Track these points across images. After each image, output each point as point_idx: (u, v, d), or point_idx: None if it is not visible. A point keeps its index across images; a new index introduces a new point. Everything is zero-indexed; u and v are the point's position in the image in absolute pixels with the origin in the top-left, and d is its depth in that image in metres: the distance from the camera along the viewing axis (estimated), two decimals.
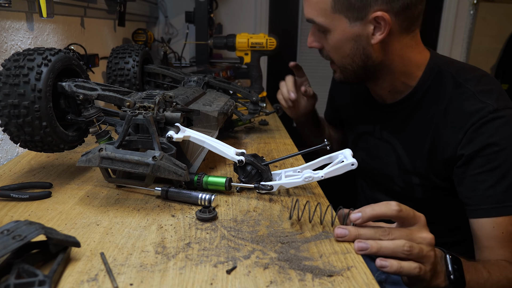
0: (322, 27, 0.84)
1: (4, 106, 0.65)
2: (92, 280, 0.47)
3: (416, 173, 0.93)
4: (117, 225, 0.61)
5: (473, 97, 0.82)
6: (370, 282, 0.49)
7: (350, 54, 0.85)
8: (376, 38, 0.82)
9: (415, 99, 0.90)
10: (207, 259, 0.53)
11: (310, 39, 0.91)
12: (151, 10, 2.18)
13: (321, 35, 0.88)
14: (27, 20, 0.98)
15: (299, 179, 0.71)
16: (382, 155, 1.00)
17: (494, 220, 0.78)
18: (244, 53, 1.56)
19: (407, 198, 0.98)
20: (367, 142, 1.04)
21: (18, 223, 0.47)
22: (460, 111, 0.82)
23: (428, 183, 0.92)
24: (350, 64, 0.87)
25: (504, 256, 0.79)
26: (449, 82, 0.86)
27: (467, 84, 0.84)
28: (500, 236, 0.78)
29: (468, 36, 2.59)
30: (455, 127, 0.83)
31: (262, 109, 1.18)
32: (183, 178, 0.65)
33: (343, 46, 0.84)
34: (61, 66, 0.70)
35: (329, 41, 0.86)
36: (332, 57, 0.89)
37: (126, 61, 1.06)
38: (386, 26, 0.80)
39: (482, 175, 0.80)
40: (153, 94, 0.75)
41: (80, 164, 0.64)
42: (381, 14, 0.79)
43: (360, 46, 0.84)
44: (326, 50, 0.89)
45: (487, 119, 0.78)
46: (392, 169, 0.98)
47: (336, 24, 0.82)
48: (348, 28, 0.82)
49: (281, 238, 0.58)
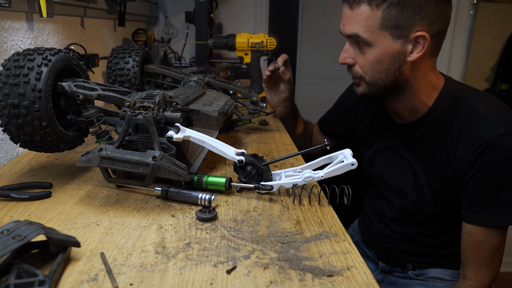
0: (366, 42, 0.87)
1: (4, 106, 0.65)
2: (92, 280, 0.47)
3: (431, 188, 0.97)
4: (117, 225, 0.61)
5: (484, 118, 0.88)
6: (370, 282, 0.49)
7: (386, 69, 0.89)
8: (413, 56, 0.87)
9: (431, 119, 0.96)
10: (207, 259, 0.52)
11: (343, 56, 0.93)
12: (151, 10, 2.18)
13: (356, 51, 0.91)
14: (27, 20, 0.98)
15: (299, 179, 0.71)
16: (398, 170, 1.04)
17: (488, 230, 0.89)
18: (244, 53, 1.56)
19: (416, 213, 1.03)
20: (383, 158, 1.08)
21: (18, 223, 0.47)
22: (471, 131, 0.89)
23: (440, 199, 0.97)
24: (383, 79, 0.90)
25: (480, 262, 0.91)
26: (462, 104, 0.92)
27: (479, 107, 0.90)
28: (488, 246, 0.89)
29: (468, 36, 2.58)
30: (466, 145, 0.89)
31: (262, 109, 1.18)
32: (183, 178, 0.65)
33: (382, 61, 0.88)
34: (61, 66, 0.70)
35: (368, 55, 0.89)
36: (364, 72, 0.91)
37: (126, 61, 1.06)
38: (425, 46, 0.86)
39: (480, 191, 0.89)
40: (153, 94, 0.75)
41: (80, 164, 0.64)
42: (424, 34, 0.84)
43: (396, 62, 0.88)
44: (360, 65, 0.91)
45: (493, 142, 0.85)
46: (407, 184, 1.02)
47: (380, 41, 0.86)
48: (390, 45, 0.86)
49: (281, 238, 0.58)
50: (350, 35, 0.89)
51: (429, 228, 1.04)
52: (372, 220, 1.16)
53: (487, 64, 2.65)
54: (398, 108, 0.99)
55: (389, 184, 1.07)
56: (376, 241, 1.16)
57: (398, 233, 1.08)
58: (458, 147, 0.90)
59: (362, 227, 1.25)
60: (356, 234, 1.28)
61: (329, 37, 2.62)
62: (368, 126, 1.13)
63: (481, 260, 0.91)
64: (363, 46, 0.89)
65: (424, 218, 1.02)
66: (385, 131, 1.07)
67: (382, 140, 1.08)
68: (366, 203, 1.23)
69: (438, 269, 1.06)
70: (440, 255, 1.05)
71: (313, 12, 2.59)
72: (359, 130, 1.17)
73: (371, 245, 1.20)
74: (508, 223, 0.87)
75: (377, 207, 1.14)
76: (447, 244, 1.02)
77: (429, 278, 1.06)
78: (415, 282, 1.08)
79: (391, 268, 1.13)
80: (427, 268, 1.07)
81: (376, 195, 1.15)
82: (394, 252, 1.11)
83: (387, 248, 1.12)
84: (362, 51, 0.89)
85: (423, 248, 1.06)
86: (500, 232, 0.89)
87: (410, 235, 1.06)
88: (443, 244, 1.03)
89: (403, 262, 1.10)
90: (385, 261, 1.15)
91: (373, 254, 1.19)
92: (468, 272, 0.93)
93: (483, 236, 0.89)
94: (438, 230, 1.03)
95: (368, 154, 1.13)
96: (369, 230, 1.18)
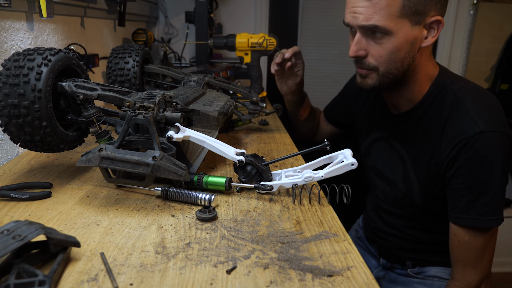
0: (385, 31, 0.83)
1: (4, 106, 0.65)
2: (92, 280, 0.47)
3: (418, 181, 0.97)
4: (117, 225, 0.61)
5: (467, 114, 0.86)
6: (370, 282, 0.49)
7: (403, 58, 0.87)
8: (427, 41, 0.87)
9: (421, 110, 0.95)
10: (207, 259, 0.52)
11: (355, 48, 0.88)
12: (151, 10, 2.18)
13: (370, 42, 0.87)
14: (27, 20, 0.98)
15: (299, 179, 0.71)
16: (390, 161, 1.04)
17: (471, 231, 0.88)
18: (244, 53, 1.56)
19: (407, 204, 1.03)
20: (379, 148, 1.08)
21: (18, 223, 0.47)
22: (453, 126, 0.88)
23: (427, 191, 0.97)
24: (397, 68, 0.88)
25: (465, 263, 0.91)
26: (450, 97, 0.90)
27: (465, 101, 0.88)
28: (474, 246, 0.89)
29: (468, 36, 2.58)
30: (447, 140, 0.88)
31: (262, 109, 1.17)
32: (183, 178, 0.65)
33: (400, 49, 0.86)
34: (61, 66, 0.70)
35: (386, 45, 0.85)
36: (379, 63, 0.88)
37: (126, 61, 1.06)
38: (439, 30, 0.86)
39: (462, 190, 0.87)
40: (153, 94, 0.75)
41: (80, 164, 0.64)
42: (439, 18, 0.84)
43: (413, 49, 0.87)
44: (375, 56, 0.87)
45: (472, 140, 0.84)
46: (397, 175, 1.02)
47: (400, 28, 0.84)
48: (409, 32, 0.85)
49: (281, 238, 0.58)
50: (366, 26, 0.84)
51: (420, 223, 1.03)
52: (371, 215, 1.17)
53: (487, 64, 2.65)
54: (396, 98, 0.98)
55: (384, 174, 1.07)
56: (375, 238, 1.17)
57: (392, 227, 1.08)
58: (442, 141, 0.89)
59: (364, 223, 1.25)
60: (360, 230, 1.29)
61: (329, 36, 2.62)
62: (366, 115, 1.13)
63: (466, 260, 0.90)
64: (380, 36, 0.85)
65: (415, 211, 1.01)
66: (381, 121, 1.07)
67: (378, 130, 1.08)
68: (367, 199, 1.24)
69: (437, 267, 1.06)
70: (436, 253, 1.05)
71: (313, 12, 2.59)
72: (359, 118, 1.17)
73: (372, 241, 1.21)
74: (489, 225, 0.86)
75: (373, 199, 1.15)
76: (442, 242, 1.02)
77: (428, 276, 1.06)
78: (414, 280, 1.08)
79: (391, 264, 1.14)
80: (426, 266, 1.07)
81: (372, 185, 1.15)
82: (392, 248, 1.11)
83: (386, 244, 1.13)
84: (378, 41, 0.86)
85: (418, 245, 1.06)
86: (483, 232, 0.87)
87: (403, 229, 1.06)
88: (438, 242, 1.03)
89: (402, 259, 1.10)
90: (385, 258, 1.15)
91: (375, 250, 1.20)
92: (455, 272, 0.93)
93: (467, 236, 0.88)
94: (430, 226, 1.02)
95: (365, 143, 1.13)
96: (369, 226, 1.19)
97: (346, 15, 0.89)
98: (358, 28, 0.87)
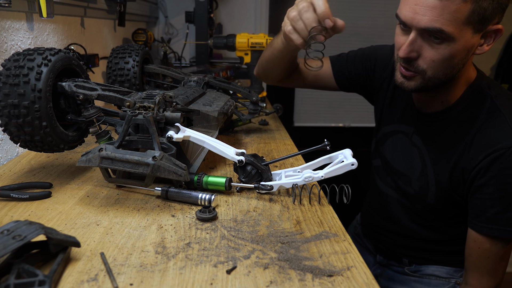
0: (447, 36, 0.79)
1: (4, 106, 0.65)
2: (92, 280, 0.47)
3: (436, 183, 0.95)
4: (117, 225, 0.61)
5: (504, 123, 0.84)
6: (370, 282, 0.49)
7: (454, 65, 0.83)
8: (482, 49, 0.84)
9: (454, 112, 0.92)
10: (207, 259, 0.52)
11: (408, 49, 0.82)
12: (151, 10, 2.18)
13: (424, 44, 0.82)
14: (27, 20, 0.98)
15: (299, 179, 0.71)
16: (409, 157, 1.01)
17: (493, 239, 0.87)
18: (244, 53, 1.56)
19: (417, 201, 1.01)
20: (397, 141, 1.05)
21: (18, 223, 0.47)
22: (488, 133, 0.85)
23: (444, 194, 0.95)
24: (446, 74, 0.84)
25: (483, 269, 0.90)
26: (487, 104, 0.88)
27: (503, 109, 0.86)
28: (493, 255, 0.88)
29: None
30: (479, 147, 0.85)
31: (262, 109, 1.17)
32: (183, 178, 0.65)
33: (456, 56, 0.82)
34: (61, 66, 0.70)
35: (442, 50, 0.81)
36: (430, 67, 0.83)
37: (126, 61, 1.06)
38: (496, 38, 0.83)
39: (491, 200, 0.85)
40: (153, 94, 0.75)
41: (80, 164, 0.64)
42: (500, 26, 0.81)
43: (466, 57, 0.84)
44: (427, 59, 0.83)
45: (508, 151, 0.81)
46: (413, 173, 1.00)
47: (462, 35, 0.79)
48: (469, 39, 0.81)
49: (281, 238, 0.58)
50: (431, 28, 0.78)
51: (426, 220, 1.02)
52: (370, 210, 1.16)
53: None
54: (430, 99, 0.94)
55: (395, 168, 1.04)
56: (373, 234, 1.16)
57: (392, 221, 1.07)
58: (471, 146, 0.86)
59: (363, 219, 1.25)
60: (358, 226, 1.28)
61: None
62: (390, 102, 1.07)
63: (484, 267, 0.89)
64: (439, 41, 0.80)
65: (424, 209, 1.00)
66: (405, 115, 1.03)
67: (400, 123, 1.04)
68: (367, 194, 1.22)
69: (434, 266, 1.05)
70: (435, 251, 1.05)
71: None
72: (378, 97, 1.11)
73: (369, 237, 1.20)
74: None
75: (377, 193, 1.12)
76: (443, 241, 1.01)
77: (425, 275, 1.06)
78: (411, 278, 1.08)
79: (388, 261, 1.13)
80: (423, 265, 1.07)
81: (378, 177, 1.12)
82: (390, 245, 1.11)
83: (384, 241, 1.12)
84: (434, 45, 0.80)
85: (416, 242, 1.05)
86: (506, 243, 0.87)
87: (403, 223, 1.05)
88: (439, 241, 1.03)
89: (399, 256, 1.10)
90: (382, 254, 1.15)
91: (372, 247, 1.20)
92: (470, 278, 0.92)
93: (487, 244, 0.87)
94: (435, 225, 1.02)
95: (381, 131, 1.09)
96: (368, 222, 1.18)
97: (403, 11, 0.81)
98: (416, 29, 0.80)
